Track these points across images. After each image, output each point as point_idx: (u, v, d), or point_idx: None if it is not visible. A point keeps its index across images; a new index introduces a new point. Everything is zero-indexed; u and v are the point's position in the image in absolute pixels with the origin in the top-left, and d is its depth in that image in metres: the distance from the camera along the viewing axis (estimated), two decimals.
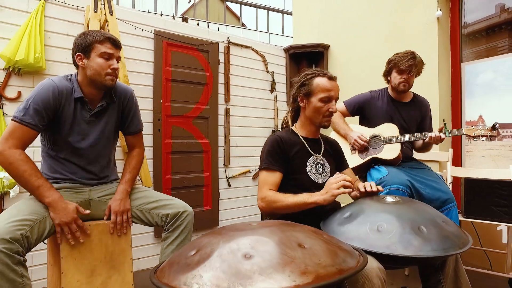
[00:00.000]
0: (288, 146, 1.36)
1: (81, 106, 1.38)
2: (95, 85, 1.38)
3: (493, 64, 2.40)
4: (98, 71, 1.34)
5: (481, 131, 1.77)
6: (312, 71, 1.40)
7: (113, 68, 1.37)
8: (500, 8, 2.49)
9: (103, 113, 1.45)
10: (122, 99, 1.51)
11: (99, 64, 1.34)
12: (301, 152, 1.39)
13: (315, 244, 0.68)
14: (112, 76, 1.37)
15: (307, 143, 1.42)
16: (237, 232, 0.72)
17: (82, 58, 1.35)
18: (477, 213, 1.86)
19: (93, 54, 1.34)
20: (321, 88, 1.35)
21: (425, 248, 0.89)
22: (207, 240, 0.73)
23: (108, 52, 1.35)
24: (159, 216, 1.39)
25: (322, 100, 1.35)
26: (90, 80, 1.37)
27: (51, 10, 2.17)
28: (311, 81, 1.37)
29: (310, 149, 1.42)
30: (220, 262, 0.62)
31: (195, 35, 2.88)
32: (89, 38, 1.34)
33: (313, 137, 1.46)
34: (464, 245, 0.96)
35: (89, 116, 1.40)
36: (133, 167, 1.51)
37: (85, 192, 1.40)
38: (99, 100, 1.43)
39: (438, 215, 1.06)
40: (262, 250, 0.63)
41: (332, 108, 1.36)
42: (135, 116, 1.57)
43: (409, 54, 1.92)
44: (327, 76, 1.37)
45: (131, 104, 1.54)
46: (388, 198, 1.13)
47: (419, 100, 2.09)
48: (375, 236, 0.94)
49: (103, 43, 1.35)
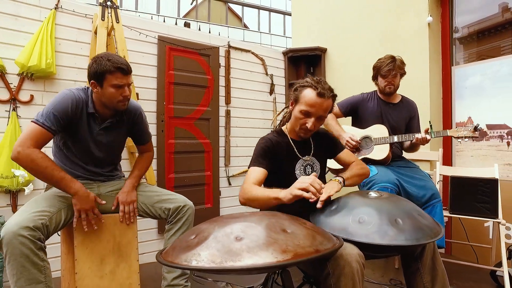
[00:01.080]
0: (277, 149, 1.39)
1: (92, 119, 1.51)
2: (107, 108, 1.51)
3: (481, 68, 2.51)
4: (110, 99, 1.46)
5: (464, 133, 1.88)
6: (310, 80, 1.37)
7: (124, 95, 1.48)
8: (502, 8, 2.51)
9: (112, 128, 1.57)
10: (132, 116, 1.63)
11: (111, 93, 1.44)
12: (289, 156, 1.42)
13: (297, 230, 0.80)
14: (123, 103, 1.49)
15: (295, 146, 1.45)
16: (231, 219, 0.85)
17: (95, 86, 1.45)
18: (462, 209, 1.97)
19: (105, 83, 1.43)
20: (305, 101, 1.33)
21: (399, 237, 1.00)
22: (205, 226, 0.85)
23: (119, 83, 1.44)
24: (162, 209, 1.52)
25: (301, 112, 1.35)
26: (103, 104, 1.49)
27: (61, 18, 2.31)
28: (302, 90, 1.36)
29: (298, 152, 1.44)
30: (215, 243, 0.74)
31: (196, 39, 3.01)
32: (100, 67, 1.42)
33: (302, 139, 1.46)
34: (435, 235, 1.07)
35: (98, 129, 1.53)
36: (142, 166, 1.67)
37: (94, 187, 1.54)
38: (109, 117, 1.55)
39: (415, 209, 1.17)
40: (250, 233, 0.75)
41: (308, 124, 1.34)
42: (144, 131, 1.71)
43: (388, 59, 2.06)
44: (318, 92, 1.31)
45: (140, 121, 1.67)
46: (371, 193, 1.25)
47: (407, 101, 2.22)
48: (356, 227, 1.06)
49: (114, 74, 1.42)
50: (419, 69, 2.65)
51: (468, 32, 2.65)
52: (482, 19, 2.59)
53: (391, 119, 2.14)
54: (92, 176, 1.56)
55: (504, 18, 2.48)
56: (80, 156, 1.53)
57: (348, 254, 1.00)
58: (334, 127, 2.22)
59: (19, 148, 1.28)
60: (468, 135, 1.87)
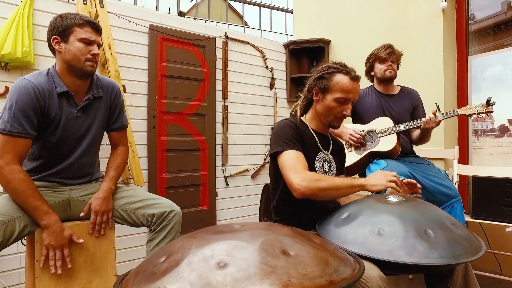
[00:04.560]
0: (301, 133, 1.26)
1: (66, 101, 1.29)
2: (74, 73, 1.28)
3: (501, 57, 2.28)
4: (77, 56, 1.25)
5: (476, 109, 1.71)
6: (336, 65, 1.27)
7: (93, 54, 1.28)
8: (507, 5, 2.40)
9: (91, 107, 1.36)
10: (110, 93, 1.43)
11: (79, 48, 1.24)
12: (311, 145, 1.30)
13: (303, 251, 0.58)
14: (92, 62, 1.28)
15: (318, 137, 1.33)
16: (214, 236, 0.63)
17: (59, 42, 1.25)
18: (486, 214, 1.75)
19: (71, 38, 1.24)
20: (340, 88, 1.22)
21: (431, 254, 0.79)
22: (180, 244, 0.64)
23: (88, 38, 1.26)
24: (144, 216, 1.31)
25: (337, 100, 1.23)
26: (69, 67, 1.27)
27: (40, 3, 2.10)
28: (332, 77, 1.24)
29: (320, 144, 1.32)
30: (189, 271, 0.53)
31: (191, 30, 2.80)
32: (67, 21, 1.24)
33: (323, 133, 1.37)
34: (476, 251, 0.86)
35: (76, 112, 1.31)
36: (118, 165, 1.42)
37: (65, 191, 1.32)
38: (85, 93, 1.34)
39: (447, 216, 0.96)
40: (239, 258, 0.54)
41: (346, 111, 1.25)
42: (122, 111, 1.49)
43: (386, 45, 1.99)
44: (351, 75, 1.23)
45: (118, 98, 1.46)
46: (391, 198, 1.03)
47: (408, 91, 2.06)
48: (376, 240, 0.84)
49: (83, 27, 1.25)
50: (431, 60, 2.43)
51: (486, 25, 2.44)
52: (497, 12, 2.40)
53: (393, 111, 1.97)
54: (63, 179, 1.32)
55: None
56: (54, 154, 1.31)
57: (367, 277, 0.79)
58: None
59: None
60: (481, 111, 1.71)
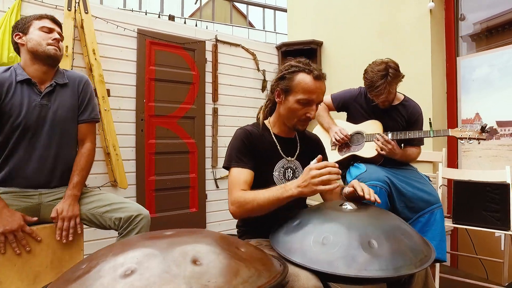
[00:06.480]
0: (257, 142, 1.20)
1: (29, 89, 1.30)
2: (38, 59, 1.31)
3: (489, 58, 2.23)
4: (38, 41, 1.30)
5: (468, 133, 1.61)
6: (298, 63, 1.17)
7: (54, 39, 1.33)
8: None
9: (56, 94, 1.36)
10: (77, 83, 1.43)
11: (39, 35, 1.31)
12: (270, 153, 1.22)
13: (216, 261, 0.58)
14: (54, 46, 1.32)
15: (279, 143, 1.25)
16: (137, 242, 0.64)
17: (20, 36, 1.32)
18: (467, 219, 1.71)
19: (31, 29, 1.31)
20: (302, 88, 1.13)
21: (371, 266, 0.77)
22: (103, 251, 0.65)
23: (47, 26, 1.33)
24: (112, 219, 1.32)
25: (300, 101, 1.15)
26: (33, 55, 1.31)
27: (28, 9, 2.14)
28: (293, 76, 1.15)
29: (282, 151, 1.24)
30: (93, 279, 0.53)
31: (181, 33, 2.82)
32: (26, 18, 1.34)
33: (287, 137, 1.28)
34: (422, 262, 0.83)
35: (40, 99, 1.30)
36: (82, 168, 1.39)
37: (35, 195, 1.32)
38: (50, 81, 1.36)
39: (399, 226, 0.93)
40: (145, 266, 0.55)
41: (310, 113, 1.16)
42: (91, 102, 1.47)
43: (379, 74, 1.65)
44: (314, 74, 1.13)
45: (86, 89, 1.46)
46: (347, 205, 1.01)
47: (410, 104, 1.83)
48: (318, 250, 0.82)
49: (41, 19, 1.34)
50: (420, 61, 2.39)
51: (480, 29, 2.37)
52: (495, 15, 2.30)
53: (383, 121, 1.84)
54: (32, 181, 1.31)
55: None
56: (21, 150, 1.28)
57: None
58: (325, 120, 2.00)
59: None
60: (473, 136, 1.60)
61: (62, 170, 1.38)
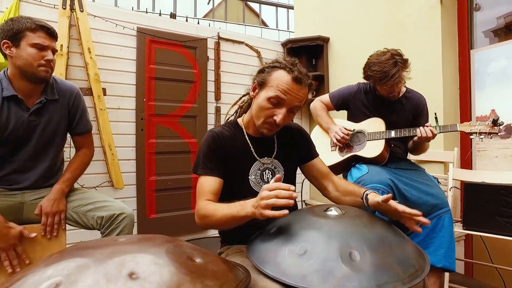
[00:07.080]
0: (227, 145, 1.09)
1: (16, 105, 1.26)
2: (26, 78, 1.23)
3: (506, 49, 2.06)
4: (29, 61, 1.19)
5: (479, 127, 1.48)
6: (284, 60, 1.06)
7: (47, 60, 1.22)
8: None
9: (44, 111, 1.32)
10: (68, 97, 1.39)
11: (31, 54, 1.19)
12: (242, 156, 1.12)
13: (157, 274, 0.51)
14: (46, 68, 1.23)
15: (253, 144, 1.13)
16: (76, 252, 0.57)
17: (9, 47, 1.20)
18: (478, 225, 1.57)
19: (23, 43, 1.19)
20: (276, 85, 1.01)
21: (350, 282, 0.67)
22: (42, 261, 0.59)
23: (41, 43, 1.21)
24: (94, 218, 1.27)
25: (270, 99, 1.02)
26: (21, 72, 1.22)
27: (26, 9, 2.15)
28: (272, 71, 1.04)
29: (256, 152, 1.13)
30: None
31: (182, 31, 2.78)
32: (18, 24, 1.18)
33: (262, 136, 1.13)
34: (412, 278, 0.72)
35: (28, 116, 1.27)
36: (75, 167, 1.39)
37: (18, 194, 1.30)
38: (38, 96, 1.31)
39: (388, 235, 0.82)
40: (72, 280, 0.48)
41: (278, 117, 1.02)
42: (83, 115, 1.45)
43: (388, 63, 1.55)
44: (294, 75, 1.00)
45: (78, 102, 1.42)
46: (332, 210, 0.91)
47: (414, 95, 1.77)
48: (292, 261, 0.73)
49: (36, 32, 1.20)
50: (429, 55, 2.24)
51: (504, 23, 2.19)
52: None
53: (389, 116, 1.74)
54: (15, 185, 1.29)
55: None
56: (5, 160, 1.27)
57: None
58: (324, 119, 1.90)
59: None
60: (484, 131, 1.47)
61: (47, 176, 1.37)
